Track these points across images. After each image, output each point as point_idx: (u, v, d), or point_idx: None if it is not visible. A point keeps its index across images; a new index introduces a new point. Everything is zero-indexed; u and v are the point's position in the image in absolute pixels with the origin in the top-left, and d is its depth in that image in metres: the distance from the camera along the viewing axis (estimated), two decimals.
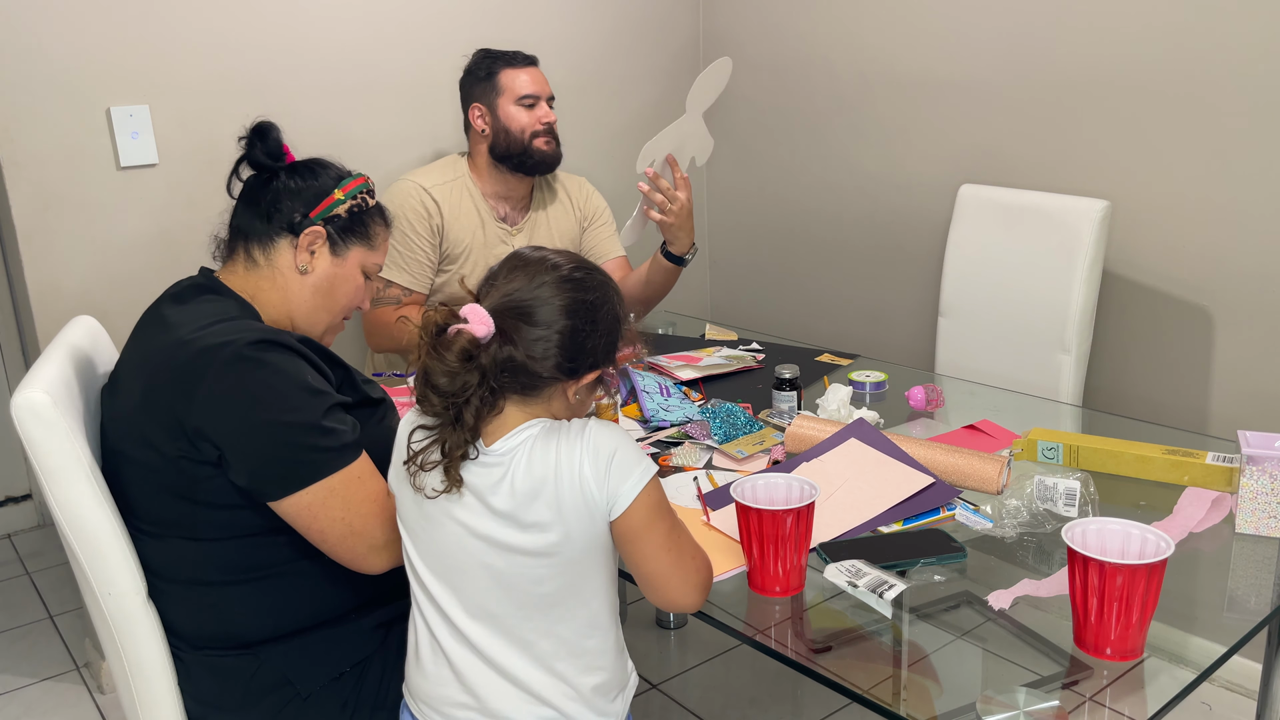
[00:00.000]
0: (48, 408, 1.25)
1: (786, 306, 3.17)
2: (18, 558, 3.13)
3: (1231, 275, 2.17)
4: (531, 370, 1.17)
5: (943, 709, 1.10)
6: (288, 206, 1.46)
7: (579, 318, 1.18)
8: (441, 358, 1.14)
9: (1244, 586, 1.31)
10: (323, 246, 1.49)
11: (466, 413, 1.15)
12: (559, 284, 1.19)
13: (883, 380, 2.00)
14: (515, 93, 2.30)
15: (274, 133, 1.48)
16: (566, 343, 1.17)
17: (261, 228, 1.47)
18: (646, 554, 1.20)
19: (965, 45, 2.53)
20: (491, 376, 1.15)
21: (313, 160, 1.53)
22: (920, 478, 1.53)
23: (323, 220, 1.48)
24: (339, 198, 1.49)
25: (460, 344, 1.13)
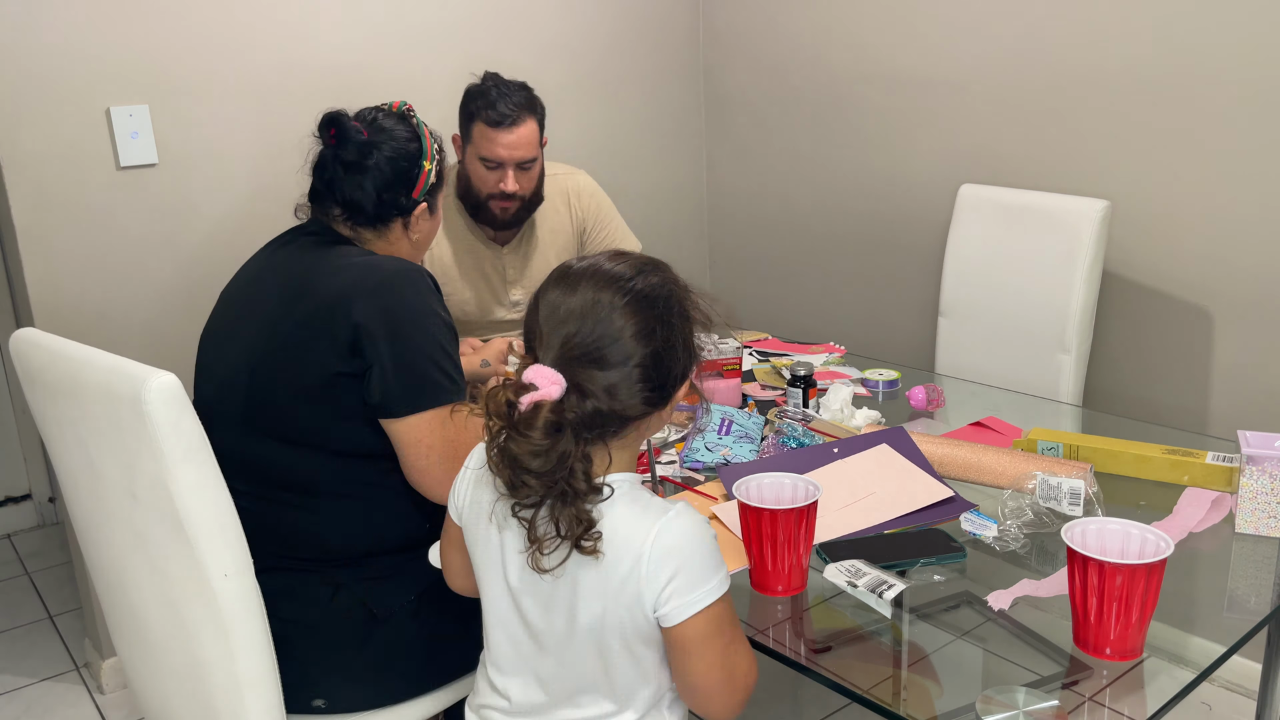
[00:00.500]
0: (179, 390, 1.26)
1: (786, 306, 3.18)
2: (18, 558, 3.13)
3: (1231, 275, 2.17)
4: (620, 414, 1.06)
5: (943, 709, 1.10)
6: (390, 196, 1.58)
7: (655, 339, 1.06)
8: (527, 439, 1.01)
9: (1244, 586, 1.31)
10: (425, 214, 1.64)
11: (576, 482, 1.03)
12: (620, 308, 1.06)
13: (895, 379, 2.01)
14: (479, 150, 2.13)
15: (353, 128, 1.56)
16: (650, 373, 1.07)
17: (374, 214, 1.58)
18: (694, 669, 1.09)
19: (965, 45, 2.53)
20: (583, 434, 1.04)
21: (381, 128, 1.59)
22: (939, 490, 1.52)
23: (424, 195, 1.62)
24: (428, 168, 1.62)
25: (543, 417, 1.01)
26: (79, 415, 1.36)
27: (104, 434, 1.32)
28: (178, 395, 1.26)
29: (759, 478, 1.33)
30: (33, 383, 1.45)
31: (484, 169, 2.14)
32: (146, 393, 1.23)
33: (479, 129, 2.13)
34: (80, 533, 1.53)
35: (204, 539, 1.29)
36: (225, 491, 1.32)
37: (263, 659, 1.36)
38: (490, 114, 2.11)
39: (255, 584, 1.35)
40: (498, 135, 2.11)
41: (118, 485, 1.34)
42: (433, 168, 1.62)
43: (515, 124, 2.12)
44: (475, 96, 2.15)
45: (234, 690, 1.35)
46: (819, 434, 1.74)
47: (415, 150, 1.60)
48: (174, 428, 1.25)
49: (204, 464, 1.29)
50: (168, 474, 1.26)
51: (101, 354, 1.34)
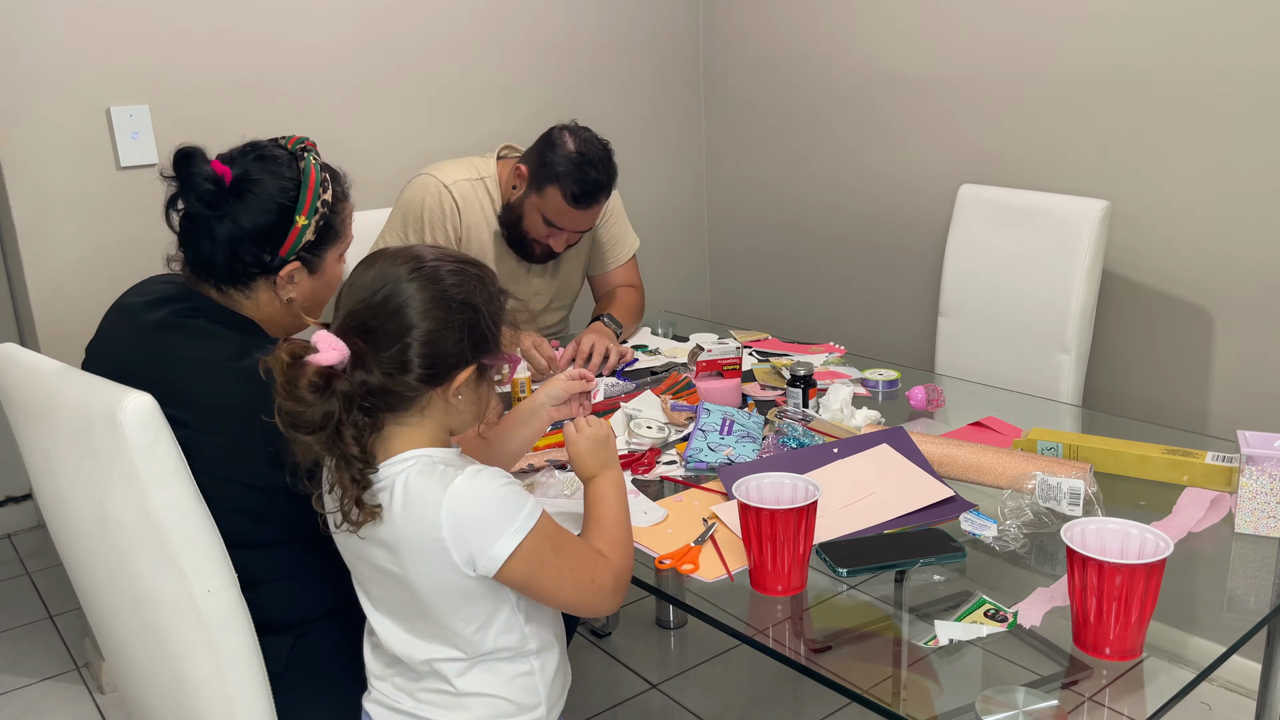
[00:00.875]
0: (154, 411, 1.24)
1: (786, 306, 3.18)
2: (18, 558, 3.13)
3: (1231, 275, 2.17)
4: (393, 390, 1.11)
5: (942, 709, 1.10)
6: (250, 253, 1.37)
7: (431, 319, 1.11)
8: (294, 394, 1.07)
9: (1243, 586, 1.31)
10: (301, 273, 1.42)
11: (346, 446, 1.09)
12: (405, 284, 1.11)
13: (895, 379, 2.01)
14: (545, 211, 2.13)
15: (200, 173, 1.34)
16: (424, 350, 1.11)
17: (228, 271, 1.38)
18: (542, 596, 1.17)
19: (965, 45, 2.53)
20: (357, 403, 1.09)
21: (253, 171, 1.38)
22: (939, 490, 1.52)
23: (295, 253, 1.40)
24: (303, 224, 1.38)
25: (308, 376, 1.07)
26: (49, 439, 1.35)
27: (73, 457, 1.31)
28: (154, 415, 1.24)
29: (759, 478, 1.33)
30: (11, 402, 1.43)
31: (541, 223, 2.15)
32: (121, 414, 1.22)
33: (554, 196, 2.10)
34: (62, 556, 1.51)
35: (185, 557, 1.28)
36: (204, 508, 1.30)
37: (253, 672, 1.35)
38: (572, 193, 2.09)
39: (241, 598, 1.33)
40: (571, 214, 2.12)
41: (87, 511, 1.33)
42: (309, 223, 1.38)
43: (592, 205, 2.13)
44: (562, 161, 2.09)
45: (225, 706, 1.34)
46: (819, 434, 1.74)
47: (287, 202, 1.37)
48: (150, 449, 1.24)
49: (182, 483, 1.27)
50: (145, 494, 1.25)
51: (77, 374, 1.33)
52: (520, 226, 2.19)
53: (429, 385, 1.13)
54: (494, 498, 1.12)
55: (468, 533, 1.11)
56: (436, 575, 1.13)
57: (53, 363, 1.37)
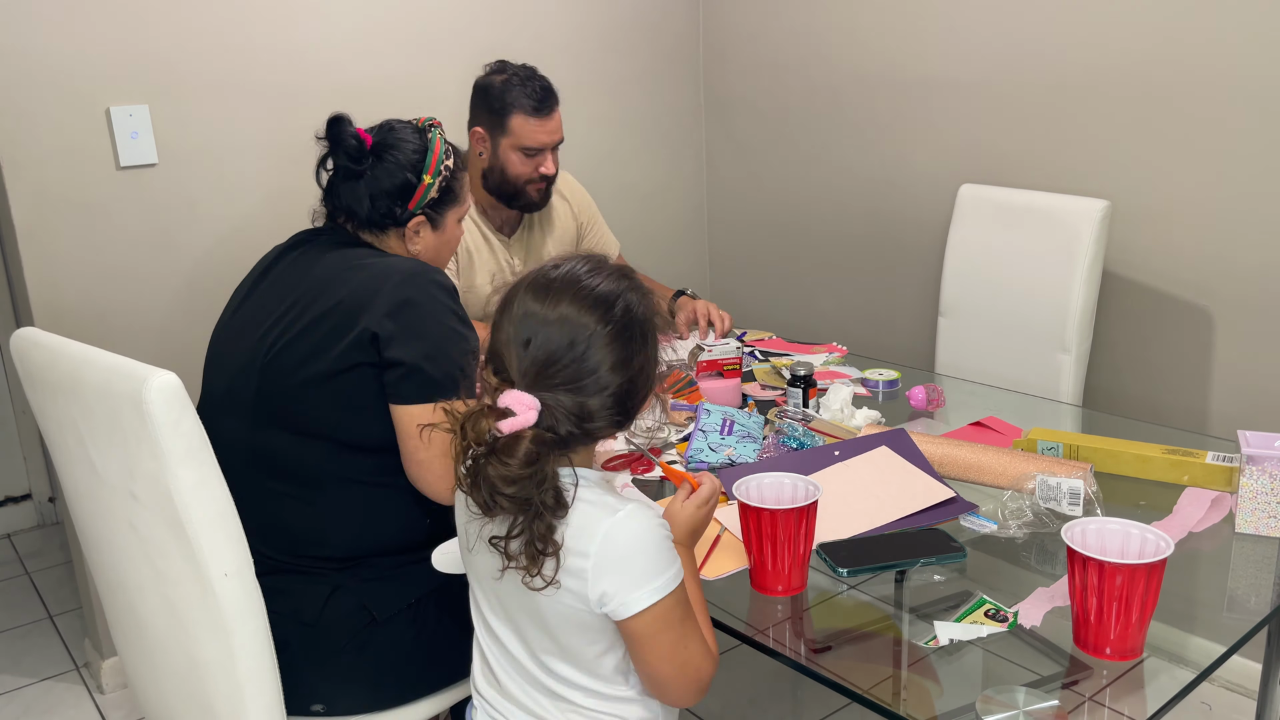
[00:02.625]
0: (180, 389, 1.25)
1: (786, 306, 3.18)
2: (18, 558, 3.13)
3: (1231, 275, 2.17)
4: (588, 433, 1.09)
5: (943, 709, 1.10)
6: (384, 205, 1.59)
7: (632, 369, 1.08)
8: (507, 465, 1.02)
9: (1244, 586, 1.31)
10: (425, 227, 1.64)
11: (546, 498, 1.04)
12: (602, 341, 1.07)
13: (896, 379, 2.01)
14: (520, 141, 2.17)
15: (348, 134, 1.58)
16: (620, 399, 1.09)
17: (367, 218, 1.60)
18: (646, 659, 1.12)
19: (965, 45, 2.53)
20: (557, 455, 1.06)
21: (389, 139, 1.61)
22: (940, 491, 1.52)
23: (421, 208, 1.62)
24: (429, 183, 1.61)
25: (524, 447, 1.02)
26: (79, 414, 1.36)
27: (104, 433, 1.32)
28: (179, 395, 1.26)
29: (759, 477, 1.33)
30: (33, 382, 1.45)
31: (524, 157, 2.19)
32: (147, 392, 1.23)
33: (519, 121, 2.16)
34: (81, 532, 1.53)
35: (204, 538, 1.29)
36: (226, 490, 1.32)
37: (263, 659, 1.36)
38: (530, 105, 2.16)
39: (256, 584, 1.35)
40: (542, 124, 2.18)
41: (118, 485, 1.34)
42: (434, 182, 1.61)
43: (553, 110, 2.20)
44: (503, 91, 2.18)
45: (234, 690, 1.35)
46: (819, 434, 1.74)
47: (415, 163, 1.60)
48: (174, 427, 1.25)
49: (205, 464, 1.29)
50: (168, 473, 1.26)
51: (102, 353, 1.33)
52: (509, 178, 2.21)
53: (621, 426, 1.12)
54: (652, 545, 1.08)
55: (614, 570, 1.07)
56: (561, 600, 1.10)
57: (74, 343, 1.38)
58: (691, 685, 1.14)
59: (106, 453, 1.34)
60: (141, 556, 1.37)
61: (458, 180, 1.67)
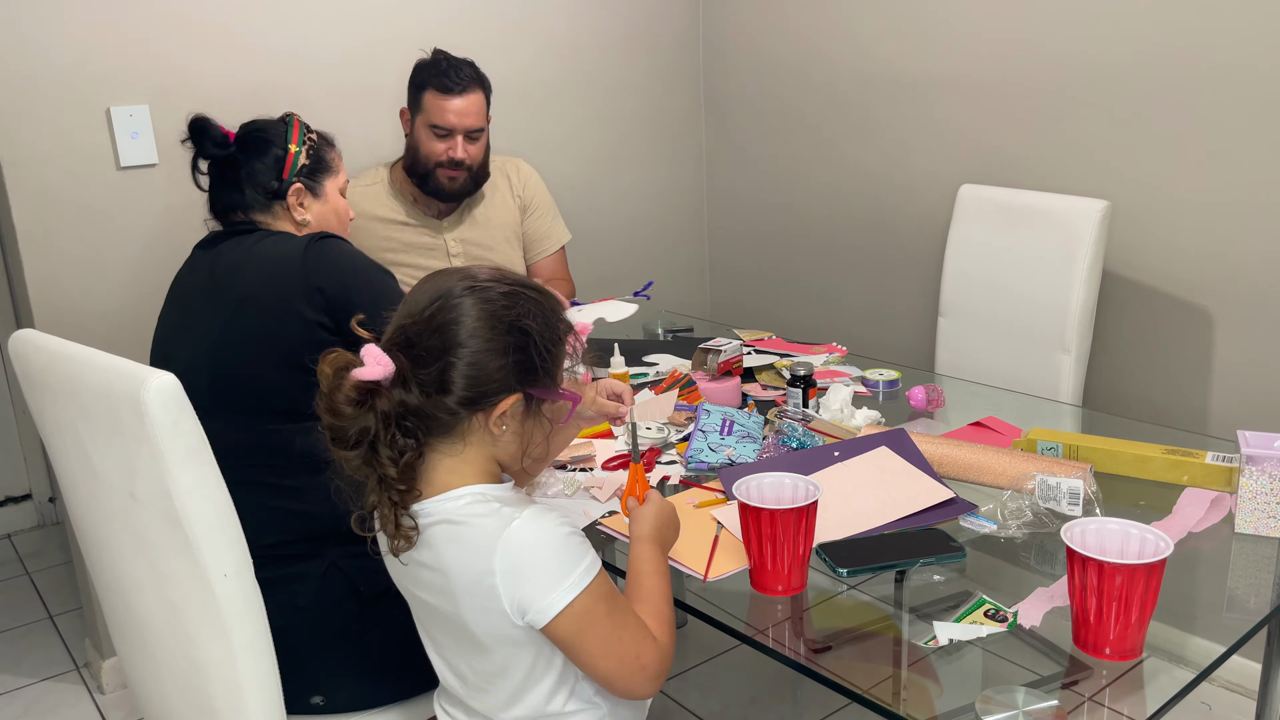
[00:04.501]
0: (178, 390, 1.25)
1: (786, 306, 3.18)
2: (18, 558, 3.13)
3: (1231, 275, 2.17)
4: (429, 411, 1.08)
5: (943, 709, 1.10)
6: (263, 178, 1.69)
7: (476, 339, 1.08)
8: (333, 407, 1.06)
9: (1243, 586, 1.31)
10: (306, 195, 1.73)
11: (383, 466, 1.06)
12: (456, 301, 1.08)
13: (896, 379, 2.01)
14: (429, 118, 2.23)
15: (211, 126, 1.69)
16: (465, 371, 1.07)
17: (251, 201, 1.69)
18: (582, 660, 1.11)
19: (965, 45, 2.53)
20: (395, 421, 1.06)
21: (252, 129, 1.72)
22: (940, 491, 1.52)
23: (295, 175, 1.71)
24: (295, 150, 1.72)
25: (345, 390, 1.05)
26: (78, 416, 1.36)
27: (103, 435, 1.32)
28: (177, 396, 1.25)
29: (759, 477, 1.33)
30: (32, 384, 1.45)
31: (434, 137, 2.24)
32: (146, 393, 1.23)
33: (430, 97, 2.23)
34: (80, 533, 1.53)
35: (204, 539, 1.29)
36: (225, 492, 1.32)
37: (263, 660, 1.36)
38: (441, 81, 2.22)
39: (255, 584, 1.35)
40: (449, 102, 2.22)
41: (117, 486, 1.34)
42: (300, 149, 1.71)
43: (465, 92, 2.23)
44: (425, 68, 2.26)
45: (234, 690, 1.35)
46: (819, 434, 1.74)
47: (280, 134, 1.71)
48: (173, 428, 1.25)
49: (204, 464, 1.29)
50: (167, 474, 1.26)
51: (101, 354, 1.33)
52: (420, 157, 2.27)
53: (469, 409, 1.09)
54: (554, 545, 1.07)
55: (521, 580, 1.06)
56: (489, 620, 1.10)
57: (73, 345, 1.38)
58: (637, 676, 1.12)
59: (105, 454, 1.34)
60: (140, 557, 1.37)
61: (325, 151, 1.76)
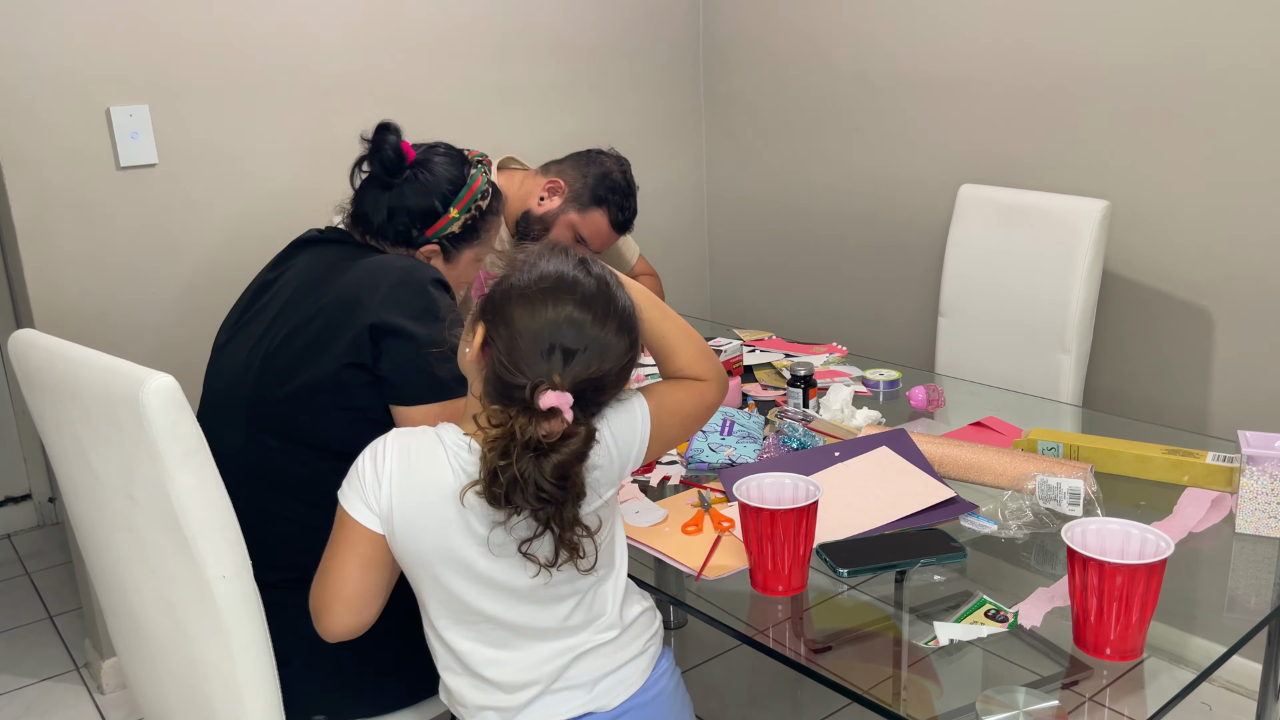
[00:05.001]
0: (177, 392, 1.25)
1: (786, 306, 3.18)
2: (18, 558, 3.13)
3: (1231, 275, 2.17)
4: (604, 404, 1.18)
5: (943, 709, 1.10)
6: (403, 222, 1.57)
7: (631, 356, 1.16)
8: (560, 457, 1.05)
9: (1244, 586, 1.31)
10: (437, 257, 1.62)
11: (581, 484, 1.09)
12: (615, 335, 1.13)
13: (896, 379, 2.01)
14: (585, 233, 2.26)
15: (389, 142, 1.55)
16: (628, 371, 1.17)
17: (379, 230, 1.58)
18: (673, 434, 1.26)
19: (965, 45, 2.53)
20: None
21: (430, 159, 1.59)
22: (940, 491, 1.52)
23: (438, 238, 1.59)
24: (454, 216, 1.59)
25: (576, 443, 1.06)
26: (77, 417, 1.35)
27: (102, 436, 1.32)
28: (176, 397, 1.25)
29: (759, 478, 1.33)
30: (31, 384, 1.45)
31: (574, 239, 2.26)
32: (145, 394, 1.23)
33: (600, 219, 2.26)
34: (79, 535, 1.53)
35: (202, 541, 1.29)
36: (224, 493, 1.31)
37: (262, 662, 1.36)
38: (621, 219, 2.28)
39: (254, 586, 1.35)
40: (611, 237, 2.30)
41: (116, 487, 1.34)
42: (460, 217, 1.59)
43: (627, 231, 2.33)
44: (612, 189, 2.27)
45: (233, 692, 1.35)
46: (819, 434, 1.74)
47: (447, 192, 1.59)
48: (172, 430, 1.25)
49: (203, 466, 1.29)
50: (166, 476, 1.26)
51: (100, 355, 1.33)
52: (537, 233, 2.26)
53: None
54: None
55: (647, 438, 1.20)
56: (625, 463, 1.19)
57: (72, 345, 1.38)
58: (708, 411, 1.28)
59: (104, 455, 1.34)
60: (139, 559, 1.37)
61: (485, 221, 1.64)
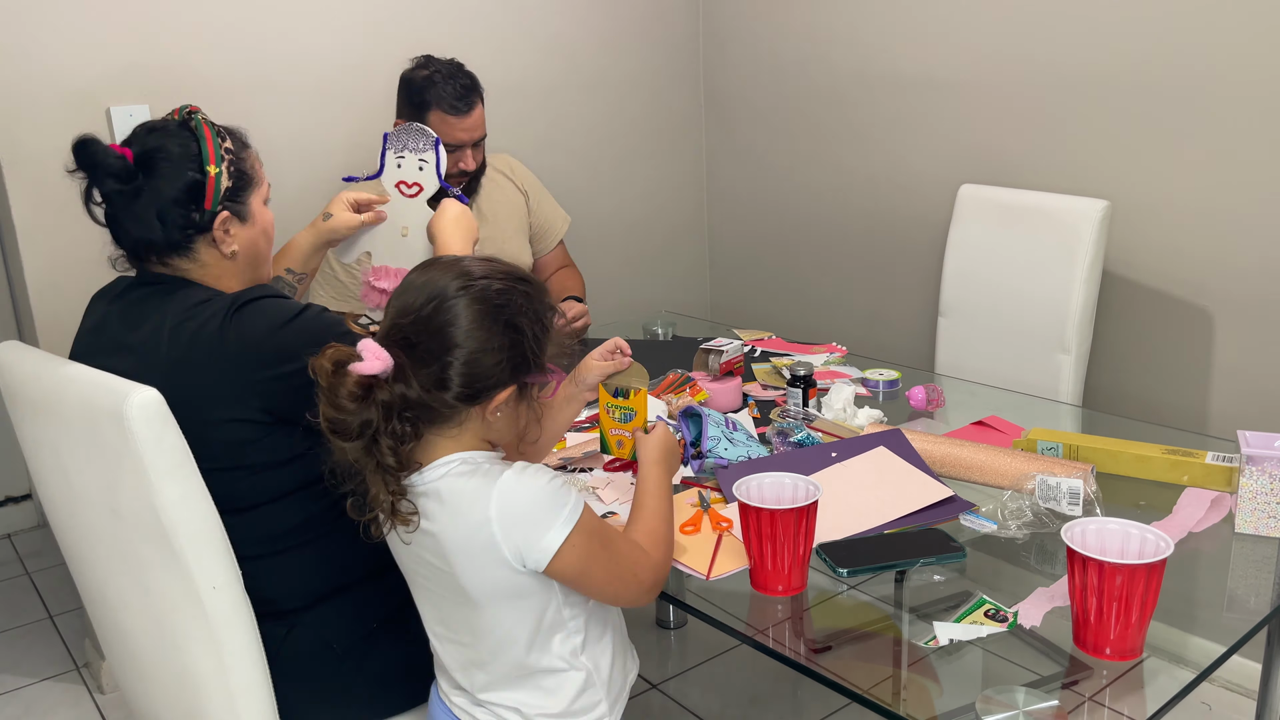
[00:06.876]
0: (161, 405, 1.25)
1: (786, 306, 3.18)
2: (18, 558, 3.13)
3: (1231, 275, 2.17)
4: (430, 405, 1.12)
5: (942, 709, 1.10)
6: (179, 215, 1.39)
7: (473, 339, 1.12)
8: (335, 401, 1.09)
9: (1244, 586, 1.31)
10: (233, 223, 1.45)
11: (383, 456, 1.10)
12: (452, 300, 1.12)
13: (896, 379, 2.01)
14: (446, 138, 2.14)
15: (103, 151, 1.37)
16: (463, 369, 1.12)
17: (166, 241, 1.40)
18: (591, 590, 1.20)
19: (965, 45, 2.53)
20: (396, 413, 1.10)
21: (151, 146, 1.40)
22: (939, 490, 1.52)
23: (220, 202, 1.42)
24: (215, 172, 1.41)
25: (348, 386, 1.08)
26: (59, 432, 1.34)
27: (83, 450, 1.31)
28: (160, 410, 1.24)
29: (759, 477, 1.33)
30: (14, 398, 1.43)
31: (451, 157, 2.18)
32: (128, 409, 1.22)
33: (437, 117, 2.17)
34: (64, 550, 1.51)
35: (191, 552, 1.28)
36: (210, 504, 1.30)
37: (255, 669, 1.35)
38: (448, 103, 2.17)
39: (244, 595, 1.34)
40: (458, 121, 2.18)
41: (98, 502, 1.33)
42: (221, 170, 1.42)
43: (471, 108, 2.20)
44: (422, 87, 2.19)
45: (227, 701, 1.34)
46: (821, 434, 1.74)
47: (193, 155, 1.40)
48: (157, 443, 1.24)
49: (188, 478, 1.28)
50: (152, 489, 1.25)
51: (83, 369, 1.32)
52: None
53: (467, 404, 1.14)
54: (541, 491, 1.13)
55: (517, 526, 1.11)
56: (487, 575, 1.14)
57: (56, 359, 1.37)
58: (634, 589, 1.21)
59: (84, 470, 1.33)
60: (125, 573, 1.36)
61: (245, 161, 1.47)
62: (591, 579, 1.17)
